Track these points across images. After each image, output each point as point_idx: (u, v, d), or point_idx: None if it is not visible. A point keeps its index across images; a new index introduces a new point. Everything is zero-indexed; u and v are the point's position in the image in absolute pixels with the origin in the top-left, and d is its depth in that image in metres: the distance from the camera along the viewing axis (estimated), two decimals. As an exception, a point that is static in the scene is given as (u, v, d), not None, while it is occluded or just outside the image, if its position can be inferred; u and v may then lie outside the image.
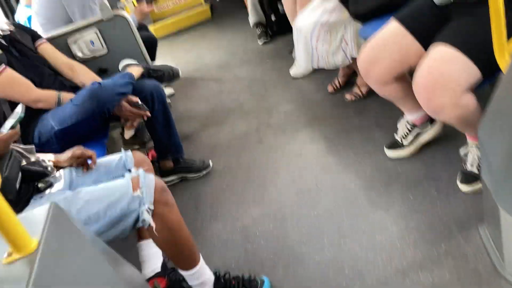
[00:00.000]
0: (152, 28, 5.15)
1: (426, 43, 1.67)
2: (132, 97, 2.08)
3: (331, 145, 2.30)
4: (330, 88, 2.83)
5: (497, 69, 1.35)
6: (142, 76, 2.28)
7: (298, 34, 2.52)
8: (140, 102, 2.10)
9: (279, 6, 4.07)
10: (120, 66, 2.30)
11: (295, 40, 2.58)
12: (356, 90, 2.64)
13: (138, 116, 2.12)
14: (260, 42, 4.18)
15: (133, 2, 5.16)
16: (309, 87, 2.98)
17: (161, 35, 5.25)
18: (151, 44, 3.36)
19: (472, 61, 1.43)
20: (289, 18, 3.25)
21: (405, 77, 1.83)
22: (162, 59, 4.30)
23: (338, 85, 2.81)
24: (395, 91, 1.85)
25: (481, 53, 1.42)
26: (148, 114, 2.13)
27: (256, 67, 3.66)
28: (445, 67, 1.44)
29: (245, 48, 4.20)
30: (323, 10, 2.40)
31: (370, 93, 2.59)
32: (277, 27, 4.15)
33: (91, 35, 2.41)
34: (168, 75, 2.36)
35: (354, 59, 2.46)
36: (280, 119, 2.73)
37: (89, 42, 2.42)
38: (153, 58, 3.57)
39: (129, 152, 1.70)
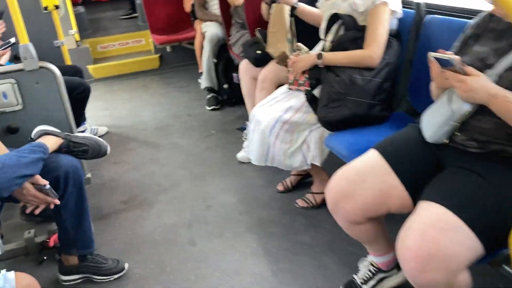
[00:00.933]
0: (91, 67, 4.70)
1: (411, 187, 1.41)
2: (39, 179, 1.63)
3: (276, 268, 1.93)
4: (280, 187, 2.50)
5: (503, 246, 1.10)
6: (60, 149, 1.82)
7: (256, 126, 2.20)
8: (48, 187, 1.64)
9: (234, 75, 3.80)
10: (34, 133, 1.83)
11: (251, 130, 2.25)
12: (309, 197, 2.33)
13: (43, 203, 1.66)
14: (208, 108, 3.85)
15: (75, 37, 4.70)
16: (257, 180, 2.64)
17: (100, 76, 4.79)
18: (82, 94, 2.92)
19: (476, 234, 1.16)
20: (244, 96, 2.96)
21: (380, 217, 1.53)
22: (94, 104, 3.84)
23: (289, 185, 2.50)
24: (366, 233, 1.54)
25: (487, 226, 1.16)
26: (56, 202, 1.68)
27: (199, 139, 3.29)
28: (444, 239, 1.14)
29: (190, 112, 3.84)
30: (287, 107, 2.11)
31: (325, 203, 2.30)
32: (228, 96, 3.86)
33: (5, 85, 1.93)
34: (93, 153, 1.91)
35: (313, 165, 2.17)
36: (219, 215, 2.34)
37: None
38: (82, 108, 3.11)
39: (11, 275, 1.23)
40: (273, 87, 2.65)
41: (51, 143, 1.78)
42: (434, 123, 1.38)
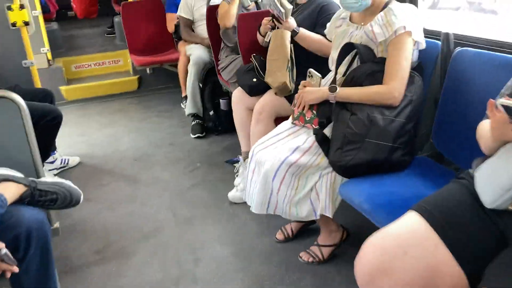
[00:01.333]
0: (64, 89, 4.33)
1: (467, 264, 1.12)
2: (-6, 241, 1.29)
3: None
4: (279, 236, 2.19)
5: None
6: (22, 199, 1.48)
7: (257, 167, 1.90)
8: (4, 252, 1.30)
9: (221, 102, 3.52)
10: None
11: (250, 171, 1.96)
12: (315, 250, 2.03)
13: (-3, 271, 1.33)
14: (192, 136, 3.54)
15: (47, 55, 4.34)
16: (252, 226, 2.32)
17: (73, 98, 4.43)
18: (53, 122, 2.56)
19: None
20: (237, 128, 2.67)
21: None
22: (66, 130, 3.46)
23: (290, 233, 2.19)
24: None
25: None
26: (15, 270, 1.34)
27: (184, 173, 2.96)
28: None
29: (172, 140, 3.51)
30: (294, 147, 1.83)
31: (333, 256, 2.01)
32: (214, 124, 3.56)
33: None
34: (63, 202, 1.58)
35: (323, 216, 1.88)
36: (210, 271, 2.00)
37: None
38: (52, 138, 2.75)
39: None
40: (271, 119, 2.39)
41: (11, 192, 1.45)
42: (496, 186, 1.12)
